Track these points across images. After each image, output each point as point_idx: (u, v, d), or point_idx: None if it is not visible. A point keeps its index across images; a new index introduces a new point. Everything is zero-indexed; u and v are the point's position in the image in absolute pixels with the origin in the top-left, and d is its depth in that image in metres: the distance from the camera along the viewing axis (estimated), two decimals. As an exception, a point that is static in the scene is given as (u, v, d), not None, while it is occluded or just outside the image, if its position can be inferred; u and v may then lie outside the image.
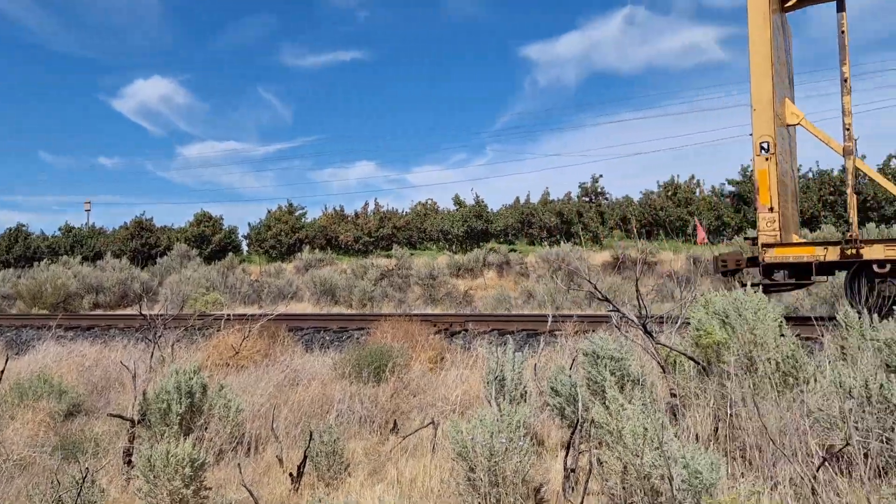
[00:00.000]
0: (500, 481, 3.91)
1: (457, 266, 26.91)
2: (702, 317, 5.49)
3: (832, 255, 10.18)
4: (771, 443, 3.78)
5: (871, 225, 21.77)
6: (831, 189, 31.21)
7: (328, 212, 40.12)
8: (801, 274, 10.49)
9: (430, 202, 40.21)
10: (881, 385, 3.94)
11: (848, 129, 10.79)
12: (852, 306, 8.29)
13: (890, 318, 5.38)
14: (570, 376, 5.32)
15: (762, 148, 10.69)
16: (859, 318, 5.27)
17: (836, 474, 3.58)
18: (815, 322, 7.00)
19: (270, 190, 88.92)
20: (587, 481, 3.78)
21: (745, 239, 11.58)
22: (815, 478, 3.42)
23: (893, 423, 3.82)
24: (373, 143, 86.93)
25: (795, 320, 9.45)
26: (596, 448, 4.36)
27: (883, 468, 3.75)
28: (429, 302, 21.38)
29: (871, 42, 79.62)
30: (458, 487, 4.09)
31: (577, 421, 4.46)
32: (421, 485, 4.72)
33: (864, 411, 3.94)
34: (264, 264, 32.94)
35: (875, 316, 5.42)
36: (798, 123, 11.43)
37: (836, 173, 31.98)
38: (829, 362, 4.76)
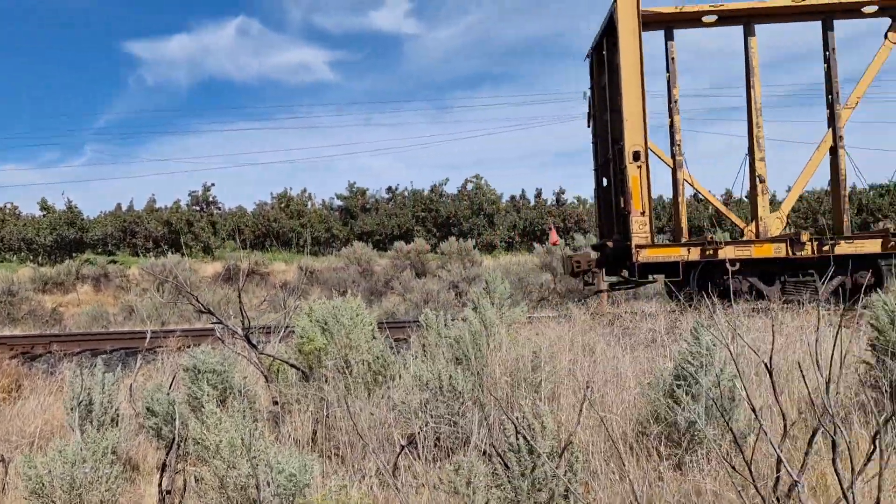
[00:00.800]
0: (80, 518, 3.51)
1: (43, 280, 23.66)
2: (305, 324, 5.68)
3: (694, 255, 11.31)
4: (360, 438, 4.08)
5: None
6: (423, 206, 35.34)
7: None
8: (643, 274, 11.54)
9: (9, 206, 34.70)
10: (450, 376, 4.55)
11: (678, 145, 12.16)
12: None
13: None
14: (168, 394, 5.03)
15: (634, 156, 11.32)
16: (436, 318, 6.02)
17: (414, 459, 4.01)
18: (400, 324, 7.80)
19: None
20: (180, 501, 3.61)
21: (607, 243, 12.62)
22: (396, 465, 3.79)
23: (459, 407, 4.44)
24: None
25: (394, 323, 10.39)
26: (193, 466, 4.20)
27: (451, 448, 4.32)
28: (7, 322, 18.33)
29: (456, 79, 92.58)
30: (28, 533, 3.56)
31: (174, 440, 4.24)
32: (-20, 538, 3.99)
33: (437, 400, 4.50)
34: None
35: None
36: None
37: (426, 193, 36.27)
38: (413, 359, 5.33)
